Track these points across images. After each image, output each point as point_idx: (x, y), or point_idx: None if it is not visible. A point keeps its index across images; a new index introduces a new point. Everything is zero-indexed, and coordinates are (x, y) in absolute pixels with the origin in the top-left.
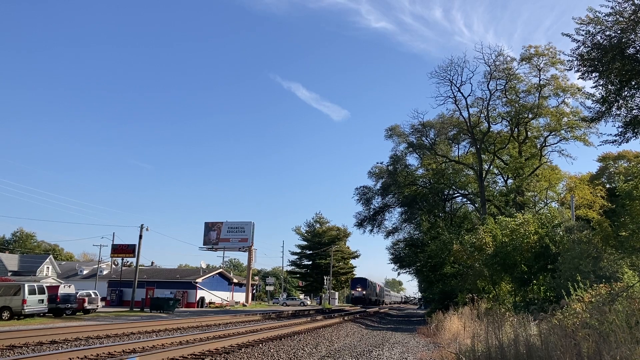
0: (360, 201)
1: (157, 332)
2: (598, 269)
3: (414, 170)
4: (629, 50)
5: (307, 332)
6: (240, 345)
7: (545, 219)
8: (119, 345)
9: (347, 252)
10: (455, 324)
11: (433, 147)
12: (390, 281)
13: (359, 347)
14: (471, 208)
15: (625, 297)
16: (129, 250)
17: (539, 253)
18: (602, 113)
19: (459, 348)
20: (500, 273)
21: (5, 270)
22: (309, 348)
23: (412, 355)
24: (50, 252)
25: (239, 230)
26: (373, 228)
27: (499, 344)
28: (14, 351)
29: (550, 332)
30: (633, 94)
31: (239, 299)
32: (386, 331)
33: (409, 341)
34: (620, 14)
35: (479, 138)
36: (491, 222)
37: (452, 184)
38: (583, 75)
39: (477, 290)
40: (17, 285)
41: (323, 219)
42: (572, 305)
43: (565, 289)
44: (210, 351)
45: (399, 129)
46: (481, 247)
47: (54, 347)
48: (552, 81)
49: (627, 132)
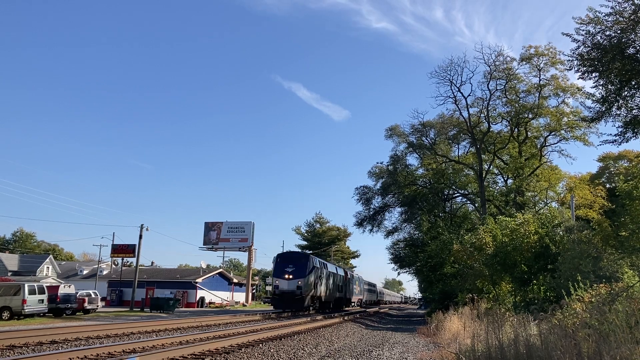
0: (360, 201)
1: (157, 332)
2: (598, 269)
3: (414, 170)
4: (629, 50)
5: (307, 332)
6: (240, 345)
7: (545, 219)
8: (119, 345)
9: (347, 252)
10: (455, 324)
11: (433, 147)
12: (390, 281)
13: (359, 347)
14: (471, 208)
15: (625, 297)
16: (129, 250)
17: (539, 253)
18: (602, 113)
19: (459, 348)
20: (500, 273)
21: (5, 270)
22: (309, 348)
23: (412, 355)
24: (50, 252)
25: (239, 230)
26: (373, 228)
27: (499, 343)
28: (14, 351)
29: (550, 332)
30: (633, 94)
31: (239, 299)
32: (386, 331)
33: (409, 341)
34: (620, 14)
35: (479, 138)
36: (491, 222)
37: (452, 184)
38: (583, 75)
39: (477, 290)
40: (17, 285)
41: (323, 219)
42: (572, 305)
43: (566, 289)
44: (210, 351)
45: (399, 129)
46: (481, 247)
47: (54, 347)
48: (552, 81)
49: (627, 132)
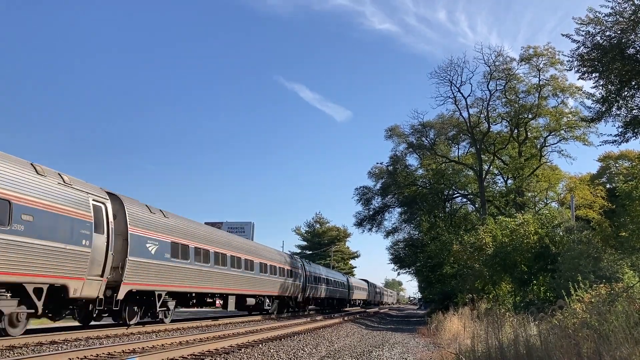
0: (360, 201)
1: (157, 332)
2: (598, 269)
3: (413, 170)
4: (629, 50)
5: (307, 332)
6: (240, 346)
7: (545, 219)
8: (119, 346)
9: (347, 252)
10: (455, 324)
11: (433, 147)
12: (390, 281)
13: (359, 347)
14: (471, 208)
15: (625, 297)
16: None
17: (539, 253)
18: (602, 113)
19: (459, 348)
20: (500, 273)
21: None
22: (309, 348)
23: (412, 355)
24: None
25: (239, 230)
26: (373, 228)
27: (499, 344)
28: (13, 351)
29: (550, 332)
30: (633, 94)
31: None
32: (386, 331)
33: (409, 341)
34: (620, 15)
35: (478, 138)
36: (491, 223)
37: (452, 184)
38: (583, 76)
39: (477, 291)
40: None
41: (323, 219)
42: (572, 305)
43: (566, 289)
44: (210, 351)
45: (398, 130)
46: (481, 247)
47: (53, 348)
48: (552, 81)
49: (627, 132)
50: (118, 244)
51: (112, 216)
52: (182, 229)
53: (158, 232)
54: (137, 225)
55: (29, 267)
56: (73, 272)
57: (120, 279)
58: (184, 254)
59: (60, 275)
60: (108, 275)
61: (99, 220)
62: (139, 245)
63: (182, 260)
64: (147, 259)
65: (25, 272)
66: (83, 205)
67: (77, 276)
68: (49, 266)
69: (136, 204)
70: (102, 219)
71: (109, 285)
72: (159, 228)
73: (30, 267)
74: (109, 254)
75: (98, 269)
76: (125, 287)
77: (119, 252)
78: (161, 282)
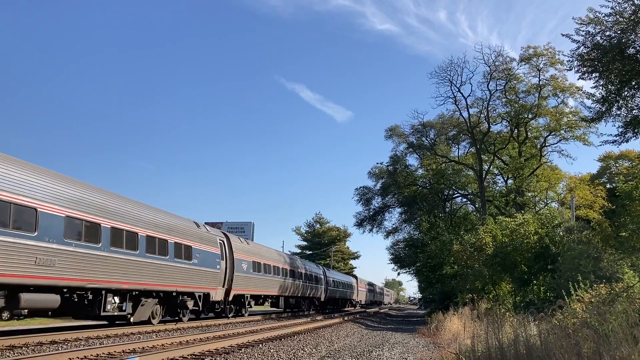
0: (360, 201)
1: (157, 332)
2: (598, 269)
3: (413, 170)
4: (629, 50)
5: (307, 332)
6: (240, 346)
7: (545, 219)
8: (119, 346)
9: (347, 252)
10: (455, 324)
11: (433, 147)
12: (390, 281)
13: (359, 347)
14: (471, 208)
15: (625, 297)
16: None
17: (539, 253)
18: (602, 113)
19: (459, 348)
20: (500, 273)
21: None
22: (309, 348)
23: (412, 355)
24: None
25: (239, 230)
26: (373, 228)
27: (499, 344)
28: (14, 351)
29: (550, 332)
30: (633, 94)
31: None
32: (386, 331)
33: (409, 341)
34: (620, 14)
35: (478, 138)
36: (491, 223)
37: (452, 184)
38: (583, 76)
39: (477, 291)
40: None
41: (323, 219)
42: (572, 305)
43: (566, 289)
44: (210, 351)
45: (398, 130)
46: (481, 247)
47: (53, 348)
48: (552, 81)
49: (627, 132)
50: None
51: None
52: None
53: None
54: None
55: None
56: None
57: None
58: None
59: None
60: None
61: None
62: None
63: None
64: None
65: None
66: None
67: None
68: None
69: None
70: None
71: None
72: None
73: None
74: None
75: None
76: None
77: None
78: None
